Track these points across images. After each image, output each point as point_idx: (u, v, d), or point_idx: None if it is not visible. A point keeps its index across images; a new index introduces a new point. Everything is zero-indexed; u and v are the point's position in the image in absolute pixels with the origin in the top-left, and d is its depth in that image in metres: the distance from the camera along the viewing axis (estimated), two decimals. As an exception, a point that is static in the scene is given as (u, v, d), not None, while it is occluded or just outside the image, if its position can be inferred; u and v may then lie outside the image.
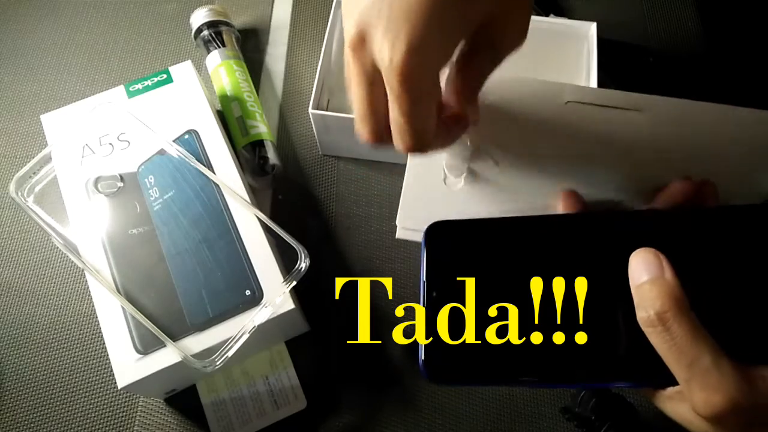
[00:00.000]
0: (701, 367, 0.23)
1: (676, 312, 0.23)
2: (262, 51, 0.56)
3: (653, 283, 0.24)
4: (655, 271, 0.24)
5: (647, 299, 0.24)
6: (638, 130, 0.33)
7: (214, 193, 0.41)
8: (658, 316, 0.23)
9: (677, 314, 0.23)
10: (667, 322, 0.23)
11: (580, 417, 0.38)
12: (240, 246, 0.39)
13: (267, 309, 0.37)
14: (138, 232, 0.40)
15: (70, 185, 0.41)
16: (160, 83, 0.45)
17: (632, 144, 0.33)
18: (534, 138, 0.33)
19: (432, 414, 0.42)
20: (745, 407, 0.22)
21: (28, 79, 0.54)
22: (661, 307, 0.23)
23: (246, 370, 0.42)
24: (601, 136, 0.33)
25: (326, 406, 0.42)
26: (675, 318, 0.23)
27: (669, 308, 0.23)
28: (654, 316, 0.24)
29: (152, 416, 0.42)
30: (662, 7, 0.57)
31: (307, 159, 0.51)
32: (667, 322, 0.23)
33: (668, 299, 0.23)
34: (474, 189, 0.33)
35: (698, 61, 0.55)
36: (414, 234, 0.34)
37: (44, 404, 0.42)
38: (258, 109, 0.50)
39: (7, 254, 0.47)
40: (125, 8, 0.58)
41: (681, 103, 0.33)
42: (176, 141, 0.43)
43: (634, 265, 0.25)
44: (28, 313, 0.45)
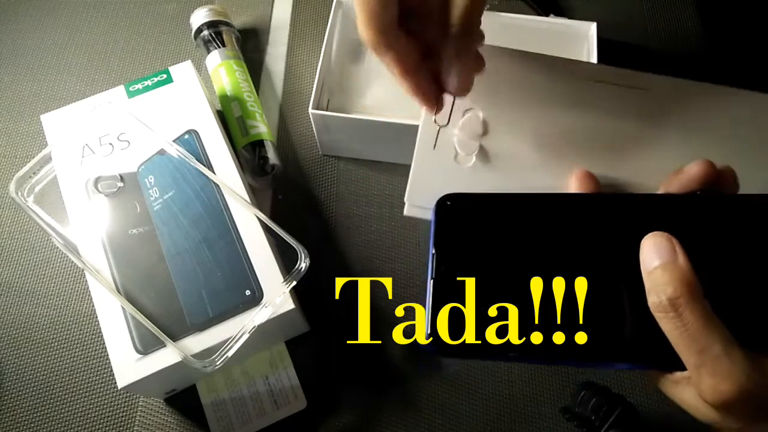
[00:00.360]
0: (712, 354, 0.22)
1: (688, 298, 0.23)
2: (262, 51, 0.56)
3: (665, 268, 0.24)
4: (667, 255, 0.24)
5: (659, 284, 0.24)
6: (651, 109, 0.32)
7: (214, 193, 0.41)
8: (670, 302, 0.23)
9: (690, 300, 0.23)
10: (679, 308, 0.23)
11: (580, 417, 0.37)
12: (240, 246, 0.39)
13: (267, 309, 0.37)
14: (138, 232, 0.40)
15: (70, 185, 0.41)
16: (160, 83, 0.45)
17: (645, 124, 0.32)
18: (546, 116, 0.33)
19: (432, 414, 0.42)
20: (754, 395, 0.22)
21: (28, 79, 0.54)
22: (674, 293, 0.23)
23: (246, 370, 0.42)
24: (615, 114, 0.32)
25: (326, 406, 0.42)
26: (687, 304, 0.23)
27: (681, 294, 0.23)
28: (666, 302, 0.23)
29: (152, 416, 0.42)
30: (662, 7, 0.57)
31: (307, 159, 0.51)
32: (679, 308, 0.23)
33: (681, 285, 0.23)
34: (485, 167, 0.32)
35: (698, 61, 0.55)
36: (422, 212, 0.33)
37: (44, 404, 0.42)
38: (258, 109, 0.50)
39: (7, 254, 0.47)
40: (125, 8, 0.58)
41: (689, 84, 0.32)
42: (176, 141, 0.43)
43: (646, 249, 0.25)
44: (28, 313, 0.45)
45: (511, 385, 0.43)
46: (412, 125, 0.44)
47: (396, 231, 0.48)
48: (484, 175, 0.32)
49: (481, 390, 0.43)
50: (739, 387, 0.22)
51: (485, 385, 0.43)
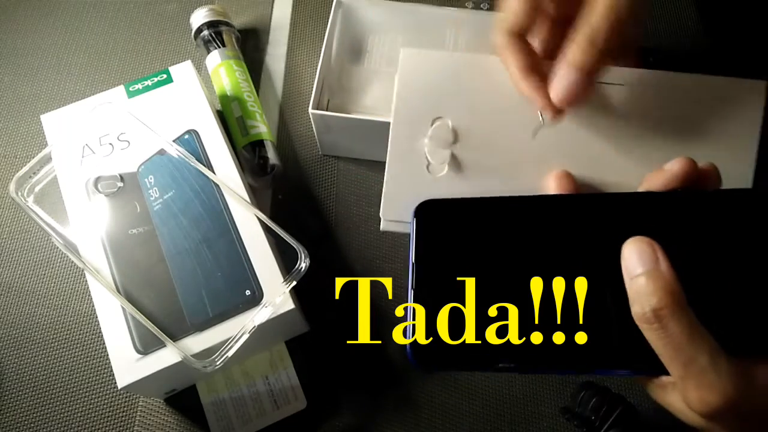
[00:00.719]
0: (698, 366, 0.22)
1: (673, 309, 0.22)
2: (262, 51, 0.56)
3: (649, 277, 0.23)
4: (649, 263, 0.23)
5: (643, 294, 0.23)
6: (626, 104, 0.32)
7: (214, 193, 0.41)
8: (654, 313, 0.23)
9: (674, 311, 0.22)
10: (663, 319, 0.22)
11: (580, 417, 0.37)
12: (240, 246, 0.39)
13: (267, 309, 0.37)
14: (138, 232, 0.40)
15: (70, 185, 0.41)
16: (160, 83, 0.45)
17: (621, 120, 0.31)
18: (517, 120, 0.32)
19: (432, 414, 0.42)
20: (741, 405, 0.22)
21: (28, 79, 0.54)
22: (657, 304, 0.23)
23: (246, 370, 0.42)
24: (588, 112, 0.32)
25: (326, 406, 0.42)
26: (672, 315, 0.22)
27: (666, 305, 0.22)
28: (650, 313, 0.23)
29: (152, 416, 0.42)
30: (662, 7, 0.57)
31: (307, 159, 0.51)
32: (663, 319, 0.22)
33: (665, 295, 0.23)
34: (458, 175, 0.32)
35: (698, 61, 0.55)
36: (399, 226, 0.32)
37: (44, 404, 0.42)
38: (258, 109, 0.50)
39: (7, 254, 0.47)
40: (125, 8, 0.58)
41: (663, 75, 0.32)
42: (176, 141, 0.43)
43: (627, 255, 0.24)
44: (28, 313, 0.45)
45: (511, 386, 0.43)
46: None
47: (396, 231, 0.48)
48: (457, 183, 0.32)
49: (481, 390, 0.43)
50: (725, 398, 0.22)
51: (485, 385, 0.43)
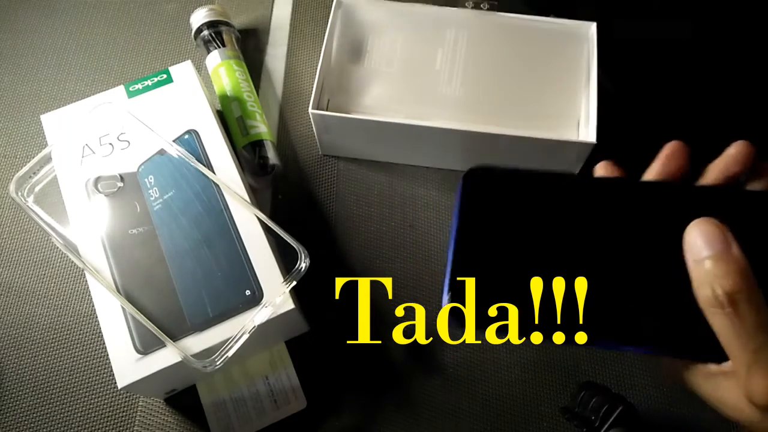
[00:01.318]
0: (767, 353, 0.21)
1: (748, 293, 0.21)
2: (262, 51, 0.56)
3: (720, 259, 0.22)
4: (719, 245, 0.22)
5: (714, 276, 0.22)
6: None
7: (214, 193, 0.41)
8: (728, 297, 0.21)
9: (750, 295, 0.21)
10: (737, 303, 0.21)
11: (580, 417, 0.37)
12: (240, 246, 0.39)
13: (267, 309, 0.37)
14: (138, 232, 0.40)
15: (70, 185, 0.41)
16: (160, 83, 0.45)
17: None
18: None
19: (432, 414, 0.42)
20: None
21: (28, 79, 0.54)
22: (732, 287, 0.21)
23: (246, 370, 0.42)
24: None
25: (326, 406, 0.42)
26: (746, 299, 0.21)
27: (741, 289, 0.21)
28: (723, 297, 0.21)
29: (152, 416, 0.42)
30: (662, 7, 0.57)
31: (307, 159, 0.51)
32: (737, 303, 0.21)
33: (740, 278, 0.21)
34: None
35: (698, 60, 0.55)
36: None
37: (44, 404, 0.42)
38: (258, 109, 0.50)
39: (7, 254, 0.47)
40: (125, 8, 0.58)
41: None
42: (176, 141, 0.43)
43: (693, 237, 0.23)
44: (28, 313, 0.45)
45: (511, 386, 0.43)
46: (412, 125, 0.44)
47: (396, 231, 0.48)
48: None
49: (481, 390, 0.43)
50: None
51: (485, 385, 0.43)
